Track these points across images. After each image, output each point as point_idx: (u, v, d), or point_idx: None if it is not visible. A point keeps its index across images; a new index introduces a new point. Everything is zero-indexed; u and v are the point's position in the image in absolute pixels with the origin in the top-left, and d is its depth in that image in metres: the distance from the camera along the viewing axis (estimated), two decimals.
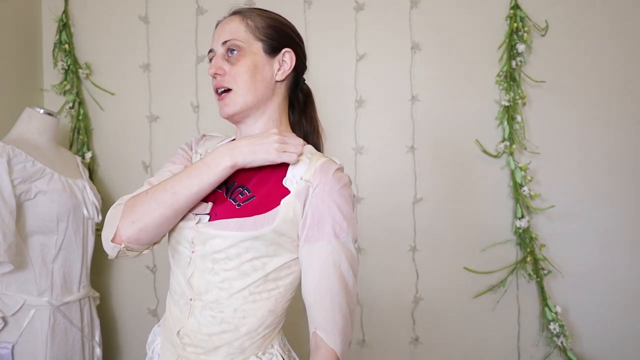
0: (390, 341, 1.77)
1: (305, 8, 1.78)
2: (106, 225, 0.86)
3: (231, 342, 0.85)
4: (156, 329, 1.00)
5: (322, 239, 0.82)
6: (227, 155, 0.83)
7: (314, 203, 0.83)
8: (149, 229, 0.83)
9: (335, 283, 0.82)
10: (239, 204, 0.85)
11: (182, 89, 1.82)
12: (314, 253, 0.82)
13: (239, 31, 0.89)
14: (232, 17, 0.92)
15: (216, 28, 0.94)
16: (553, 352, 1.69)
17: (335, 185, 0.84)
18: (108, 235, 0.84)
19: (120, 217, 0.84)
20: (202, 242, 0.84)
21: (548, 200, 1.71)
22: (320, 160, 0.86)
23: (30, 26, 1.82)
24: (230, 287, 0.84)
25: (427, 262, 1.75)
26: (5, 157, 1.28)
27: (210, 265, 0.84)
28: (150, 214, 0.82)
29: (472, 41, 1.74)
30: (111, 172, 1.86)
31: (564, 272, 1.70)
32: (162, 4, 1.84)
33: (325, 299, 0.82)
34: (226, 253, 0.83)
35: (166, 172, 0.93)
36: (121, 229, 0.83)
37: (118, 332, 1.86)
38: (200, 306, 0.85)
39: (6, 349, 1.31)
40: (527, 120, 1.73)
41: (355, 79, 1.77)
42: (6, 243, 1.25)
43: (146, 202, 0.83)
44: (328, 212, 0.82)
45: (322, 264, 0.82)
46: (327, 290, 0.82)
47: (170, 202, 0.82)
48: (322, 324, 0.82)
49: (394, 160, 1.77)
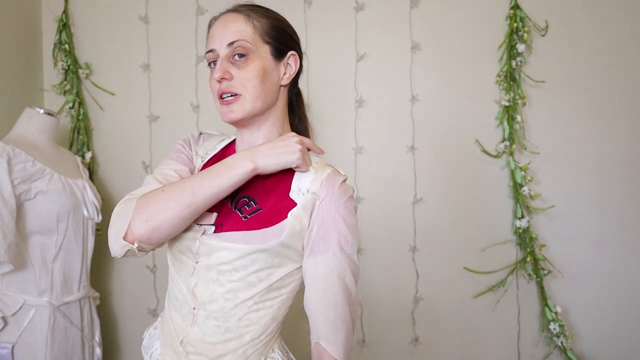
0: (390, 341, 1.77)
1: (305, 8, 1.78)
2: (114, 222, 0.81)
3: (235, 350, 0.84)
4: (152, 331, 0.97)
5: (328, 252, 0.82)
6: (248, 158, 0.81)
7: (320, 216, 0.83)
8: (162, 228, 0.79)
9: (339, 294, 0.82)
10: (245, 216, 0.85)
11: (182, 89, 1.82)
12: (319, 265, 0.83)
13: (246, 32, 0.84)
14: (235, 15, 0.86)
15: (213, 25, 0.88)
16: (553, 352, 1.69)
17: (342, 198, 0.84)
18: (118, 232, 0.79)
19: (133, 214, 0.79)
20: (208, 254, 0.83)
21: (548, 200, 1.71)
22: (326, 171, 0.86)
23: (30, 26, 1.82)
24: (235, 297, 0.83)
25: (427, 262, 1.75)
26: (5, 157, 1.28)
27: (215, 276, 0.83)
28: (166, 212, 0.78)
29: (472, 41, 1.74)
30: (111, 172, 1.86)
31: (564, 272, 1.70)
32: (162, 4, 1.84)
33: (328, 311, 0.82)
34: (232, 265, 0.82)
35: (170, 171, 0.90)
36: (133, 226, 0.78)
37: (118, 332, 1.86)
38: (204, 315, 0.85)
39: (6, 349, 1.31)
40: (527, 120, 1.73)
41: (355, 79, 1.77)
42: (6, 243, 1.25)
43: (163, 200, 0.79)
44: (334, 225, 0.83)
45: (326, 276, 0.82)
46: (331, 302, 0.82)
47: (188, 201, 0.79)
48: (325, 335, 0.82)
49: (394, 160, 1.77)
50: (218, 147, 0.98)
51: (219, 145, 0.98)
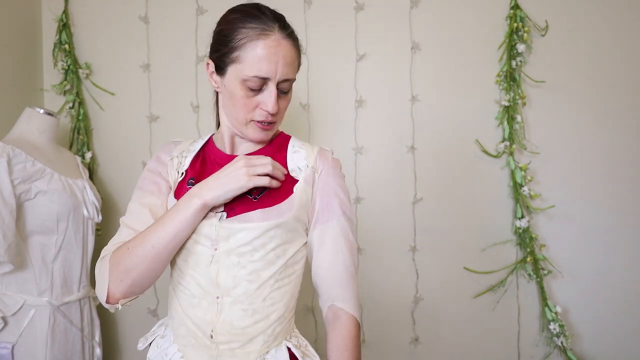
0: (390, 341, 1.77)
1: (305, 8, 1.78)
2: (97, 284, 0.85)
3: (265, 330, 0.87)
4: (160, 340, 0.94)
5: (333, 219, 0.91)
6: (195, 196, 0.84)
7: (320, 187, 0.92)
8: (137, 283, 0.84)
9: (347, 255, 0.90)
10: (255, 197, 0.88)
11: (182, 89, 1.82)
12: (326, 232, 0.90)
13: (295, 67, 0.89)
14: (293, 49, 0.87)
15: (271, 48, 0.83)
16: (553, 352, 1.69)
17: (336, 169, 0.95)
18: (102, 296, 0.84)
19: (108, 276, 0.83)
20: (226, 238, 0.86)
21: (548, 200, 1.71)
22: (315, 148, 0.96)
23: (30, 26, 1.82)
24: (258, 277, 0.86)
25: (427, 262, 1.75)
26: (5, 157, 1.28)
27: (236, 260, 0.86)
28: (135, 269, 0.82)
29: (472, 41, 1.74)
30: (111, 172, 1.86)
31: (564, 272, 1.70)
32: (162, 4, 1.83)
33: (340, 273, 0.89)
34: (252, 245, 0.85)
35: (141, 214, 0.90)
36: (112, 288, 0.83)
37: (118, 332, 1.86)
38: (229, 302, 0.86)
39: (6, 349, 1.31)
40: (527, 120, 1.73)
41: (355, 79, 1.77)
42: (6, 243, 1.25)
43: (128, 259, 0.82)
44: (334, 194, 0.92)
45: (335, 241, 0.90)
46: (342, 264, 0.90)
47: (152, 255, 0.82)
48: (340, 295, 0.89)
49: (394, 160, 1.77)
50: (192, 147, 0.99)
51: (193, 147, 0.99)
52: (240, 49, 0.84)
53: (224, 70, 0.88)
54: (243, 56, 0.84)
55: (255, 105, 0.88)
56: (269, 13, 0.87)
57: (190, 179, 0.93)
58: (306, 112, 1.77)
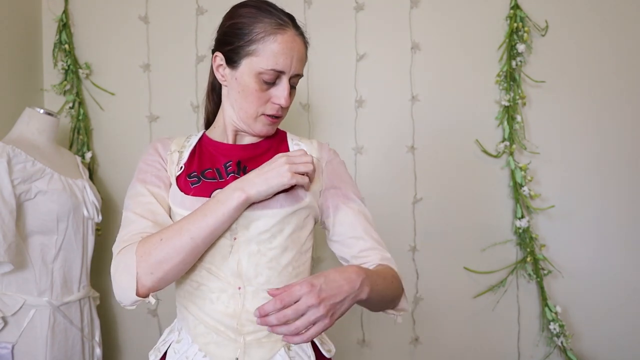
0: (390, 341, 1.77)
1: (305, 8, 1.78)
2: (120, 278, 0.79)
3: None
4: (176, 345, 0.91)
5: (349, 202, 0.95)
6: (239, 189, 0.82)
7: (329, 176, 0.97)
8: (168, 277, 0.80)
9: (369, 225, 0.96)
10: None
11: (182, 89, 1.82)
12: (346, 213, 0.94)
13: (304, 63, 0.93)
14: (303, 46, 0.92)
15: (287, 43, 0.87)
16: (553, 352, 1.69)
17: (336, 157, 1.01)
18: (128, 290, 0.78)
19: (137, 268, 0.78)
20: (246, 226, 0.86)
21: (548, 200, 1.71)
22: (313, 141, 1.00)
23: (30, 26, 1.82)
24: (277, 264, 0.88)
25: (427, 262, 1.75)
26: (5, 157, 1.28)
27: (256, 248, 0.86)
28: (169, 262, 0.78)
29: (472, 41, 1.74)
30: (111, 172, 1.86)
31: (564, 272, 1.70)
32: (162, 4, 1.83)
33: (366, 238, 0.93)
34: (271, 232, 0.87)
35: (151, 204, 0.88)
36: (141, 281, 0.78)
37: (118, 332, 1.86)
38: (252, 291, 0.86)
39: (6, 349, 1.31)
40: (527, 120, 1.73)
41: (355, 79, 1.77)
42: (6, 243, 1.25)
43: (162, 250, 0.78)
44: (341, 180, 0.97)
45: (355, 217, 0.94)
46: (365, 232, 0.94)
47: (190, 247, 0.79)
48: (379, 255, 0.93)
49: (394, 160, 1.77)
50: (188, 143, 1.00)
51: (189, 142, 1.00)
52: (259, 42, 0.86)
53: (237, 63, 0.89)
54: (261, 49, 0.86)
55: (267, 98, 0.90)
56: (281, 10, 0.91)
57: (193, 172, 0.94)
58: (306, 112, 1.77)
